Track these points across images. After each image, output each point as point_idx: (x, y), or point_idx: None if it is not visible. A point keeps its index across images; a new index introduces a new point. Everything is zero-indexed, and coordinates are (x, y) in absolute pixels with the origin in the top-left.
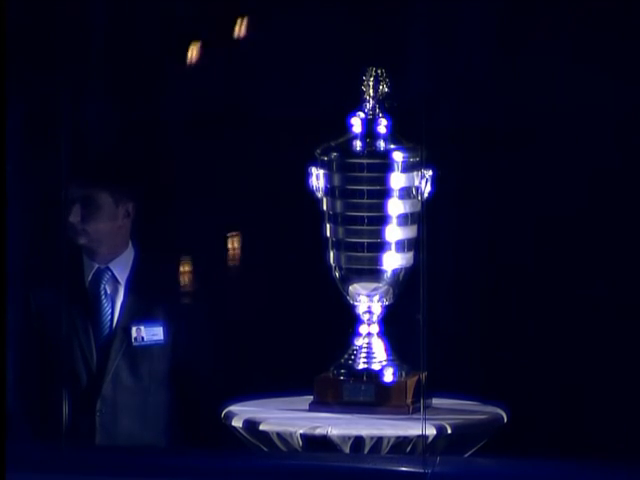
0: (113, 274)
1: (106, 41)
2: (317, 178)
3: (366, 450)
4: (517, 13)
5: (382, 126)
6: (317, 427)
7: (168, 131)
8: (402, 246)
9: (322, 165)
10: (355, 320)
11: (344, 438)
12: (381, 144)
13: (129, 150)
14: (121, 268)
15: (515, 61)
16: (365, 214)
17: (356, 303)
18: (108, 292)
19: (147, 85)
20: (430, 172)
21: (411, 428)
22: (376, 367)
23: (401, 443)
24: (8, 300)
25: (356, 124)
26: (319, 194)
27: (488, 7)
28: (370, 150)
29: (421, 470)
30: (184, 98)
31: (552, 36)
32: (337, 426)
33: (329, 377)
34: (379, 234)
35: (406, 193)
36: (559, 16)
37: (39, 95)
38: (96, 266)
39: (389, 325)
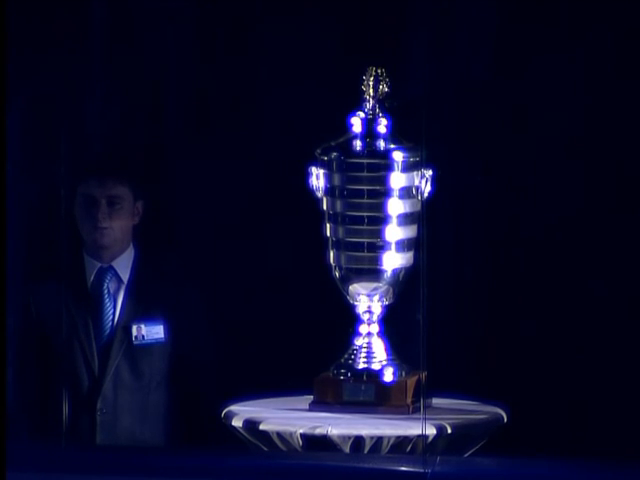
0: (116, 272)
1: (107, 39)
2: (317, 178)
3: (366, 450)
4: (517, 13)
5: (382, 126)
6: (317, 427)
7: (168, 130)
8: (402, 246)
9: (322, 165)
10: (355, 320)
11: (344, 438)
12: (381, 144)
13: (132, 148)
14: (123, 267)
15: (515, 61)
16: (365, 214)
17: (356, 303)
18: (110, 291)
19: (146, 85)
20: (430, 172)
21: (411, 428)
22: (376, 367)
23: (401, 443)
24: (8, 300)
25: (356, 124)
26: (319, 194)
27: (488, 7)
28: (370, 150)
29: (421, 470)
30: (183, 97)
31: (552, 36)
32: (337, 426)
33: (329, 377)
34: (379, 234)
35: (406, 193)
36: (559, 17)
37: (39, 94)
38: (98, 265)
39: (389, 325)
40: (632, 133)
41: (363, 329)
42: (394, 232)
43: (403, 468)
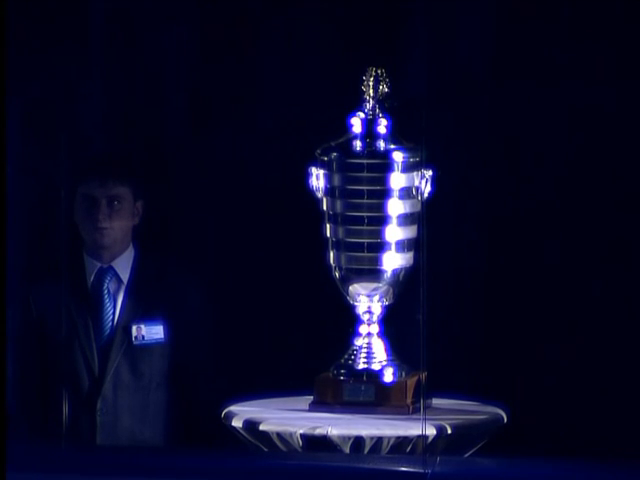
0: (116, 273)
1: (107, 38)
2: (317, 178)
3: (366, 450)
4: (517, 13)
5: (382, 126)
6: (317, 427)
7: (168, 130)
8: (402, 246)
9: (322, 165)
10: (355, 320)
11: (344, 438)
12: (381, 144)
13: (132, 148)
14: (123, 267)
15: (515, 60)
16: (365, 214)
17: (356, 303)
18: (110, 291)
19: (145, 85)
20: (430, 172)
21: (411, 428)
22: (376, 367)
23: (401, 443)
24: (8, 300)
25: (356, 124)
26: (319, 194)
27: (488, 7)
28: (370, 150)
29: (421, 470)
30: (183, 97)
31: (552, 36)
32: (337, 426)
33: (329, 377)
34: (379, 234)
35: (406, 193)
36: (559, 16)
37: (39, 94)
38: (98, 265)
39: (389, 325)
40: (634, 132)
41: (363, 329)
42: (394, 232)
43: (403, 468)
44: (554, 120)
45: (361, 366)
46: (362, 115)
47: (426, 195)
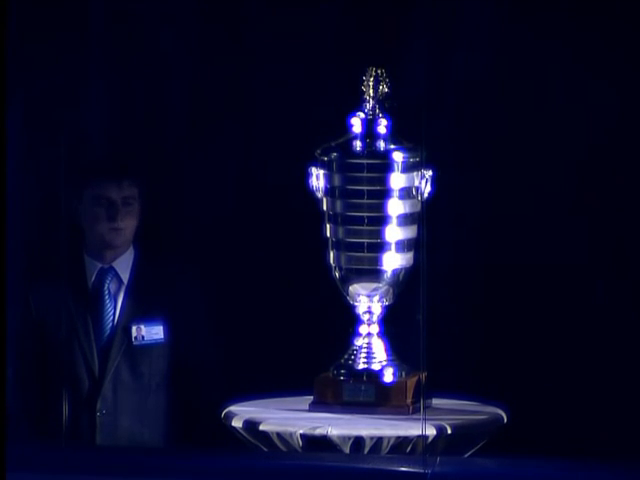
0: (117, 273)
1: (106, 38)
2: (317, 178)
3: (366, 450)
4: (517, 13)
5: (382, 126)
6: (317, 427)
7: (168, 130)
8: (402, 246)
9: (322, 165)
10: (355, 320)
11: (344, 438)
12: (381, 144)
13: (132, 148)
14: (124, 267)
15: (515, 61)
16: (365, 214)
17: (356, 303)
18: (111, 292)
19: (145, 85)
20: (430, 172)
21: (411, 428)
22: (376, 367)
23: (401, 443)
24: (8, 300)
25: (356, 124)
26: (319, 194)
27: (488, 7)
28: (370, 150)
29: (421, 470)
30: (183, 97)
31: (552, 36)
32: (337, 426)
33: (329, 377)
34: (379, 234)
35: (406, 193)
36: (559, 16)
37: (40, 94)
38: (99, 266)
39: (389, 325)
40: (635, 132)
41: (363, 329)
42: (394, 232)
43: (403, 468)
44: (554, 120)
45: (361, 366)
46: (362, 115)
47: (426, 195)
